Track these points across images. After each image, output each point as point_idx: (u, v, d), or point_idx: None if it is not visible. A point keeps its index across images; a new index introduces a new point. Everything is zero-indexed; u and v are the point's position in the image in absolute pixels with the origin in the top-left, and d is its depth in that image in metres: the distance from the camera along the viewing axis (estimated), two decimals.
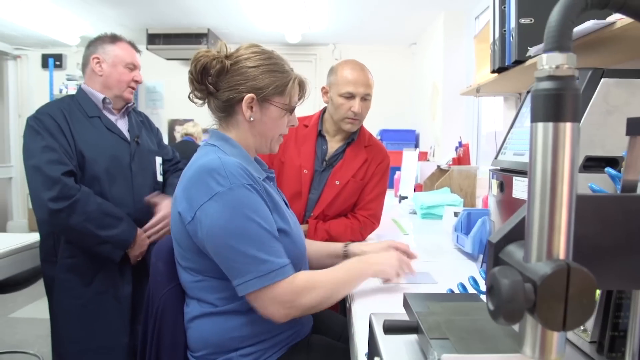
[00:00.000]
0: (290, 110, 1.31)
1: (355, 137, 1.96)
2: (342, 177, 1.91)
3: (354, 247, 1.59)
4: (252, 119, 1.25)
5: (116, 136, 1.93)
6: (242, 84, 1.23)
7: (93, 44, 1.97)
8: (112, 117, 1.97)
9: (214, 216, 1.11)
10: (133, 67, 1.98)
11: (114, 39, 1.97)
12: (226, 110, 1.26)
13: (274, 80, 1.25)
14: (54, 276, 1.88)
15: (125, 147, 1.94)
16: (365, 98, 1.87)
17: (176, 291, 1.26)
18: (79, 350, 1.87)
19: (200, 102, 1.29)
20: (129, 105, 2.05)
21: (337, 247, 1.60)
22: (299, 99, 1.35)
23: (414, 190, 3.16)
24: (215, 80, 1.23)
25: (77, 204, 1.73)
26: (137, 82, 2.00)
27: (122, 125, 2.00)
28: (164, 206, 1.92)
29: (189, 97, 1.29)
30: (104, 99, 1.94)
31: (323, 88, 1.95)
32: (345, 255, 1.55)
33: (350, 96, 1.85)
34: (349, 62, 1.93)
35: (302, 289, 1.14)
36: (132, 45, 2.03)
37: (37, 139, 1.77)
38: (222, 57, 1.23)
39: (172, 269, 1.26)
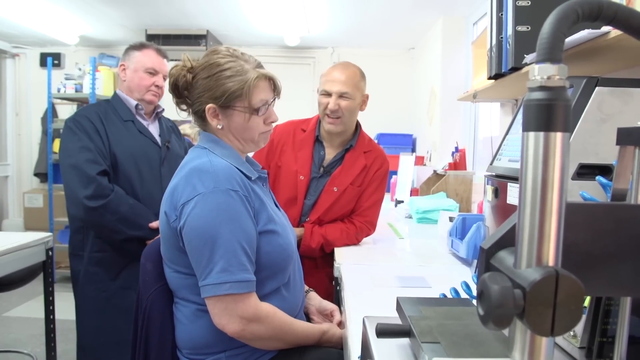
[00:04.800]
0: (252, 111, 1.26)
1: (354, 144, 1.95)
2: (340, 184, 1.90)
3: (313, 297, 1.55)
4: (219, 126, 1.27)
5: (148, 140, 2.04)
6: (202, 96, 1.25)
7: (125, 52, 2.09)
8: (144, 122, 2.08)
9: (191, 216, 1.13)
10: (154, 71, 2.07)
11: (141, 46, 2.08)
12: (199, 120, 1.30)
13: (229, 86, 1.24)
14: (80, 269, 1.98)
15: (156, 151, 2.05)
16: (343, 96, 1.83)
17: (163, 291, 1.28)
18: (100, 342, 1.95)
19: (186, 112, 1.33)
20: (159, 110, 2.16)
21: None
22: (275, 93, 1.32)
23: (410, 195, 3.17)
24: (187, 94, 1.28)
25: (111, 204, 1.85)
26: (158, 86, 2.08)
27: (154, 129, 2.12)
28: None
29: (176, 108, 1.34)
30: (137, 105, 2.05)
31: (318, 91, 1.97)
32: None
33: (327, 94, 1.85)
34: (338, 63, 1.94)
35: (264, 316, 1.17)
36: (159, 51, 2.12)
37: (74, 139, 1.89)
38: (185, 72, 1.26)
39: (160, 270, 1.29)
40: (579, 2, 0.46)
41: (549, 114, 0.45)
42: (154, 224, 1.91)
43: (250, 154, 1.49)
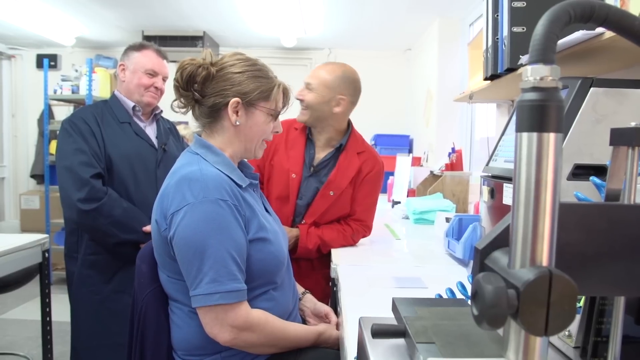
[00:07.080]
0: (276, 115, 1.33)
1: (345, 143, 1.94)
2: (336, 188, 1.89)
3: (308, 299, 1.55)
4: (237, 123, 1.27)
5: (144, 142, 2.03)
6: (227, 89, 1.25)
7: (124, 52, 2.07)
8: (141, 124, 2.07)
9: (180, 226, 1.13)
10: (153, 73, 2.05)
11: (141, 46, 2.07)
12: (212, 115, 1.28)
13: (259, 85, 1.27)
14: (74, 271, 1.97)
15: (152, 153, 2.03)
16: (307, 87, 1.87)
17: (158, 292, 1.28)
18: (93, 345, 1.94)
19: (182, 110, 1.31)
20: (157, 112, 2.15)
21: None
22: (283, 106, 1.37)
23: (407, 195, 3.18)
24: (201, 87, 1.25)
25: (104, 207, 1.83)
26: (157, 88, 2.06)
27: (151, 131, 2.10)
28: None
29: (171, 106, 1.31)
30: (134, 106, 2.04)
31: None
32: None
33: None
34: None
35: (255, 324, 1.17)
36: (159, 52, 2.10)
37: (69, 141, 1.88)
38: (208, 64, 1.25)
39: (155, 272, 1.29)
40: (572, 3, 0.47)
41: (541, 115, 0.45)
42: (147, 228, 1.89)
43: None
